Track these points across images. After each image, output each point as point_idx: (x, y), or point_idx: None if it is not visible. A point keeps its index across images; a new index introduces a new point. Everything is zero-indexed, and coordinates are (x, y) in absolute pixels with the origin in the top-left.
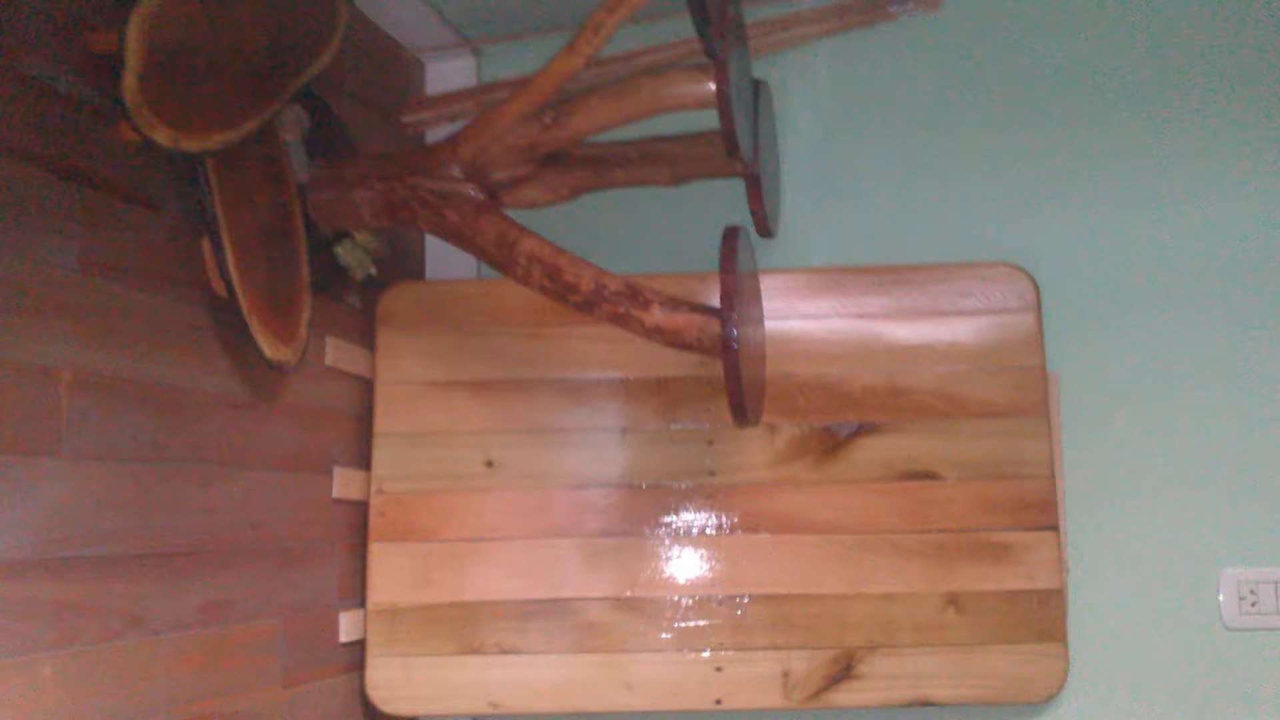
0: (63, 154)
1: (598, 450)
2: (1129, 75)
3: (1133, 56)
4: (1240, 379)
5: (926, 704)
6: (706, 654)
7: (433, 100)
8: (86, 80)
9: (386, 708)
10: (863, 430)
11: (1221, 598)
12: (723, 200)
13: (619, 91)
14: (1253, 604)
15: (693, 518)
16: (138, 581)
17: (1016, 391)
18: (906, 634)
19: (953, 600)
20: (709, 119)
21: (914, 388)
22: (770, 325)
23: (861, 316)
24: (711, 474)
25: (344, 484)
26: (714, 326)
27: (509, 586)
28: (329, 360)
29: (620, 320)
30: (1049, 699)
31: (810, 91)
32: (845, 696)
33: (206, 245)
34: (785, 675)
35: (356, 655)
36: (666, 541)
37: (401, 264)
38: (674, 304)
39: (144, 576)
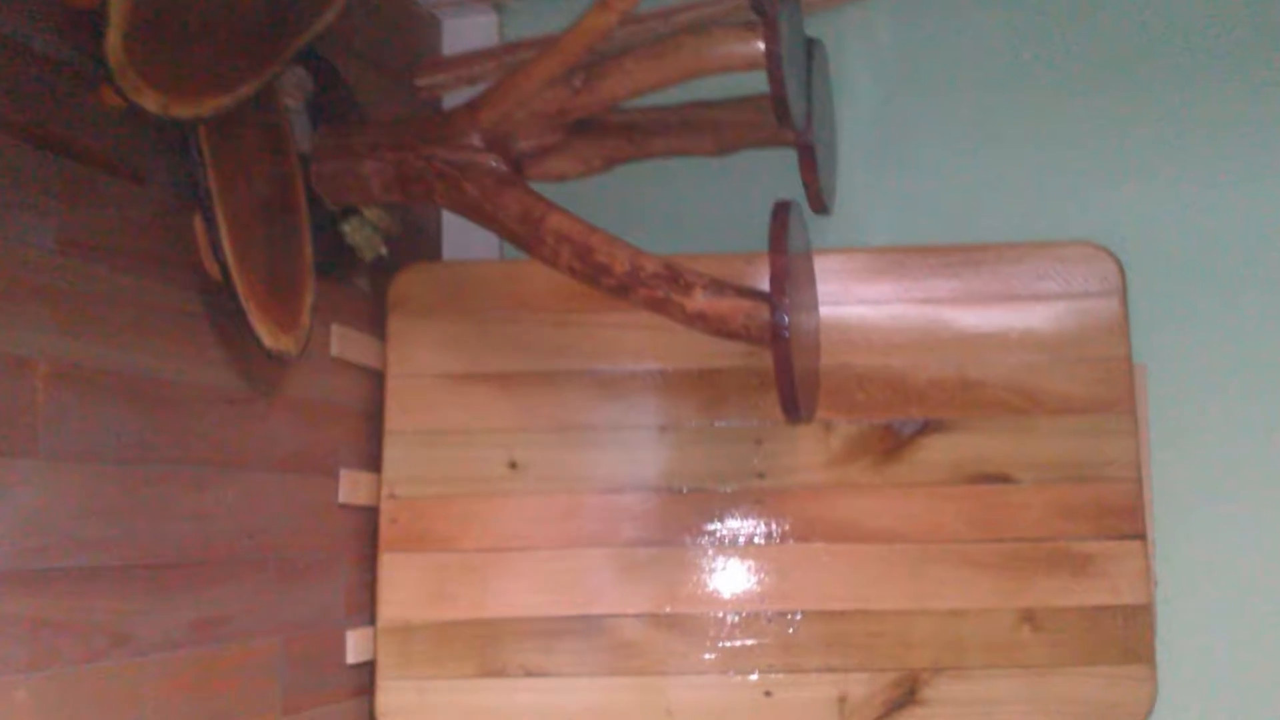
0: (39, 121)
1: (633, 450)
2: (1224, 33)
3: (1228, 11)
4: None
5: None
6: (755, 677)
7: (450, 61)
8: (65, 39)
9: None
10: (928, 428)
11: None
12: (773, 172)
13: (657, 52)
14: None
15: (739, 525)
16: (122, 596)
17: (1099, 385)
18: (976, 655)
19: (1028, 617)
20: (757, 82)
21: (985, 381)
22: (825, 311)
23: (927, 301)
24: (760, 476)
25: (351, 488)
26: (763, 312)
27: (535, 602)
28: (335, 350)
29: (659, 305)
30: None
31: (870, 51)
32: None
33: (199, 223)
34: (841, 700)
35: (365, 678)
36: (710, 552)
37: (415, 243)
38: (718, 287)
39: (129, 590)
